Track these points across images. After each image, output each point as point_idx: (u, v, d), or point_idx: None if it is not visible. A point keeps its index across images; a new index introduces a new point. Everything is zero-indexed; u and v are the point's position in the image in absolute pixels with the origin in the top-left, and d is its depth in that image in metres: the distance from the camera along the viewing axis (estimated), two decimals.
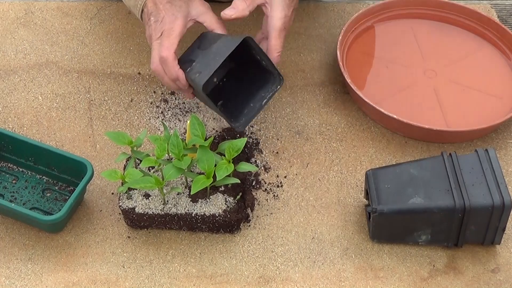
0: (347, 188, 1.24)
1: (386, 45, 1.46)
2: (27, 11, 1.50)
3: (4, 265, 1.13)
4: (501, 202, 1.10)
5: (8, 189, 1.21)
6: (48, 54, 1.43)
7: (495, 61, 1.44)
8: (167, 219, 1.15)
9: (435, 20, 1.51)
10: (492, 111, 1.35)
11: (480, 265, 1.15)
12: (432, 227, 1.13)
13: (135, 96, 1.36)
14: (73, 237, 1.16)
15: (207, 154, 1.12)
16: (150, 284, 1.11)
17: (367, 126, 1.34)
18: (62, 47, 1.44)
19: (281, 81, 1.21)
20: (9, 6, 1.51)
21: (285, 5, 1.21)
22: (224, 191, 1.16)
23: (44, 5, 1.52)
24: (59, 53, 1.43)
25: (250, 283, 1.12)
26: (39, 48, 1.43)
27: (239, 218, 1.16)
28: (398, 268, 1.14)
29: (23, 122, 1.31)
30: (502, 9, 1.59)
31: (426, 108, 1.35)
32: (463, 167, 1.14)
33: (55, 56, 1.43)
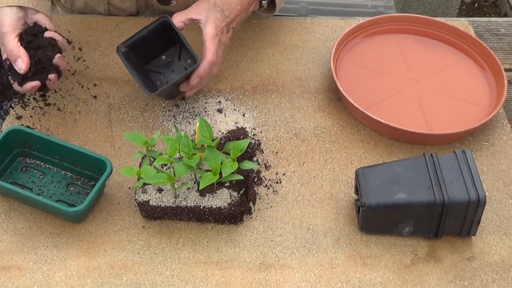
0: (339, 185, 1.24)
1: (374, 57, 1.46)
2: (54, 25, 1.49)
3: (32, 251, 1.12)
4: (477, 197, 1.10)
5: (36, 184, 1.21)
6: (72, 63, 1.43)
7: (472, 72, 1.44)
8: (178, 211, 1.15)
9: (419, 35, 1.51)
10: (469, 116, 1.35)
11: (457, 254, 1.15)
12: (415, 220, 1.13)
13: (150, 101, 1.36)
14: (94, 226, 1.16)
15: (214, 153, 1.12)
16: (162, 269, 1.11)
17: (357, 129, 1.33)
18: (85, 57, 1.44)
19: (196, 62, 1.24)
20: None
21: (216, 20, 1.26)
22: (229, 187, 1.16)
23: (69, 19, 1.52)
24: (82, 62, 1.43)
25: (251, 269, 1.12)
26: (65, 57, 1.43)
27: (242, 211, 1.16)
28: (384, 256, 1.14)
29: (50, 124, 1.31)
30: (478, 25, 1.59)
31: (410, 114, 1.35)
32: (443, 166, 1.14)
33: (78, 65, 1.42)
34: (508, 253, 1.15)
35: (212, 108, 1.34)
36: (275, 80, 1.42)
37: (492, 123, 1.35)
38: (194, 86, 1.28)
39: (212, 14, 1.26)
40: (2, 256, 1.12)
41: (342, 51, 1.45)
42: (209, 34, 1.25)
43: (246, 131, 1.30)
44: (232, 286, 1.09)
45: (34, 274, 1.10)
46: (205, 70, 1.24)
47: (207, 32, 1.25)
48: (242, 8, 1.31)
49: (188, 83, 1.26)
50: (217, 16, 1.26)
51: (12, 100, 1.33)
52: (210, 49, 1.24)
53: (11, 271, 1.10)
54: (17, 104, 1.33)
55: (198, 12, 1.27)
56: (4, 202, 1.19)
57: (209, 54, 1.24)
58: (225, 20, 1.27)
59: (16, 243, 1.13)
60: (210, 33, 1.25)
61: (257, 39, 1.49)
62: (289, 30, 1.52)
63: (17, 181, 1.20)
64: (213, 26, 1.25)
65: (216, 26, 1.26)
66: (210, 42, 1.25)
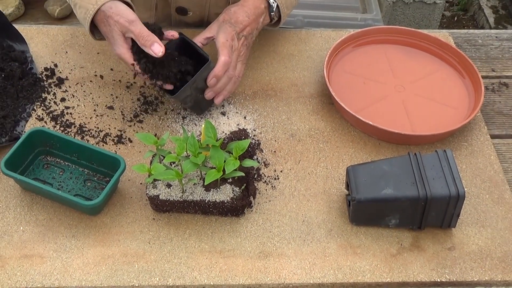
0: (331, 181, 1.24)
1: (363, 65, 1.46)
2: (72, 35, 1.50)
3: (52, 240, 1.13)
4: (457, 193, 1.10)
5: (56, 179, 1.21)
6: (89, 70, 1.42)
7: (452, 79, 1.44)
8: (185, 205, 1.15)
9: (404, 45, 1.51)
10: (450, 119, 1.35)
11: (439, 244, 1.15)
12: (400, 213, 1.13)
13: (160, 104, 1.36)
14: (108, 218, 1.16)
15: (218, 152, 1.12)
16: (170, 257, 1.11)
17: (347, 130, 1.33)
18: (101, 65, 1.44)
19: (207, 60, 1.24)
20: (58, 31, 1.51)
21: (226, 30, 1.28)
22: (232, 182, 1.16)
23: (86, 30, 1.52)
24: (99, 69, 1.43)
25: (252, 257, 1.12)
26: (82, 65, 1.43)
27: (243, 204, 1.16)
28: (372, 246, 1.14)
29: (69, 125, 1.31)
30: (458, 36, 1.59)
31: (396, 116, 1.35)
32: (426, 164, 1.14)
33: (95, 72, 1.42)
34: (485, 243, 1.15)
35: (216, 111, 1.34)
36: (274, 86, 1.42)
37: (470, 125, 1.35)
38: (214, 88, 1.27)
39: (222, 28, 1.28)
40: (25, 245, 1.12)
41: (334, 60, 1.45)
42: (220, 41, 1.26)
43: (247, 132, 1.30)
44: (234, 273, 1.09)
45: (54, 261, 1.10)
46: (220, 70, 1.24)
47: (218, 41, 1.27)
48: (250, 19, 1.32)
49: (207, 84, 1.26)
50: (226, 28, 1.28)
51: (35, 103, 1.33)
52: (222, 51, 1.25)
53: (33, 259, 1.10)
54: (39, 107, 1.33)
55: (211, 31, 1.30)
56: (27, 196, 1.19)
57: (222, 55, 1.25)
58: (234, 30, 1.29)
59: (37, 234, 1.13)
60: (221, 40, 1.26)
61: (257, 49, 1.49)
62: (286, 40, 1.52)
63: (39, 177, 1.21)
64: (223, 35, 1.27)
65: (226, 34, 1.27)
66: (221, 46, 1.26)
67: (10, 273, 1.08)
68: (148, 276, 1.08)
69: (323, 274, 1.10)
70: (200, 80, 1.26)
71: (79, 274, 1.08)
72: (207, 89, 1.28)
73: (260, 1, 1.34)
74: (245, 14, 1.31)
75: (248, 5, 1.33)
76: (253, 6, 1.33)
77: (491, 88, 1.46)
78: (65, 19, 2.44)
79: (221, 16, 1.32)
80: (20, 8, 2.51)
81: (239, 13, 1.31)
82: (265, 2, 1.35)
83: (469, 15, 3.39)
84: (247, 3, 1.33)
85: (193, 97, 1.27)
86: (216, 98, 1.30)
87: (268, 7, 1.36)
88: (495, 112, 1.41)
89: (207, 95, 1.28)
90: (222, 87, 1.29)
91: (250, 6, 1.33)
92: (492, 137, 1.34)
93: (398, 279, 1.10)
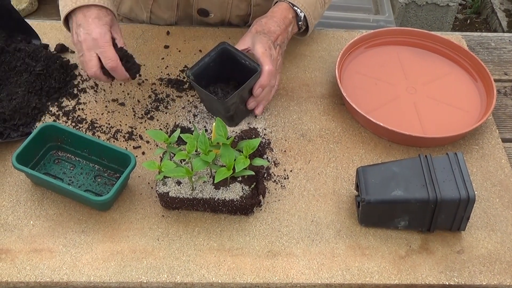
0: (341, 181, 1.24)
1: (375, 66, 1.46)
2: None
3: (62, 235, 1.13)
4: (467, 196, 1.09)
5: (67, 175, 1.21)
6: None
7: (464, 82, 1.43)
8: (194, 202, 1.15)
9: (416, 47, 1.51)
10: (461, 122, 1.34)
11: (448, 247, 1.14)
12: (410, 215, 1.13)
13: (171, 101, 1.36)
14: (118, 214, 1.16)
15: (229, 150, 1.12)
16: (179, 254, 1.11)
17: (358, 131, 1.33)
18: None
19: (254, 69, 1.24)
20: None
21: (262, 40, 1.28)
22: (241, 181, 1.16)
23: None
24: None
25: (260, 256, 1.12)
26: None
27: (253, 203, 1.16)
28: (381, 248, 1.14)
29: (81, 121, 1.31)
30: (470, 39, 1.58)
31: (407, 118, 1.34)
32: (436, 167, 1.14)
33: None
34: (495, 247, 1.15)
35: None
36: (285, 86, 1.42)
37: (481, 129, 1.35)
38: (259, 97, 1.27)
39: (257, 38, 1.29)
40: (34, 240, 1.12)
41: (346, 60, 1.45)
42: (259, 51, 1.26)
43: (258, 131, 1.30)
44: (242, 271, 1.09)
45: (63, 256, 1.10)
46: (265, 80, 1.25)
47: (257, 51, 1.27)
48: (281, 29, 1.33)
49: (253, 95, 1.27)
50: (261, 38, 1.29)
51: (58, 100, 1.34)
52: (265, 61, 1.25)
53: (43, 253, 1.10)
54: (54, 103, 1.34)
55: (245, 43, 1.31)
56: (38, 191, 1.19)
57: (265, 65, 1.25)
58: (269, 39, 1.29)
59: (47, 228, 1.14)
60: (260, 50, 1.26)
61: None
62: (298, 40, 1.51)
63: (49, 172, 1.21)
64: (261, 45, 1.27)
65: (263, 44, 1.27)
66: (263, 57, 1.26)
67: (19, 267, 1.08)
68: (157, 273, 1.08)
69: (331, 274, 1.10)
70: (247, 89, 1.25)
71: (88, 269, 1.08)
72: (250, 99, 1.28)
73: (288, 11, 1.36)
74: (276, 24, 1.33)
75: (277, 15, 1.35)
76: (282, 16, 1.35)
77: (503, 92, 1.45)
78: None
79: (253, 27, 1.33)
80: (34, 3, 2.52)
81: (270, 24, 1.32)
82: (292, 12, 1.36)
83: (482, 18, 3.38)
84: (276, 14, 1.35)
85: (236, 106, 1.26)
86: (257, 108, 1.31)
87: (296, 17, 1.37)
88: (507, 116, 1.40)
89: (250, 104, 1.28)
90: (264, 96, 1.30)
91: (279, 17, 1.34)
92: (503, 141, 1.33)
93: (406, 281, 1.10)
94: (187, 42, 1.49)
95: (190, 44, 1.49)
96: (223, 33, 1.52)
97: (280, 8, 1.36)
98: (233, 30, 1.53)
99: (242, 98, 1.26)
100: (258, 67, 1.24)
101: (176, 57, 1.46)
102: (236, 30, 1.53)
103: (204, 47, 1.48)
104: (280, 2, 1.37)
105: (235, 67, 1.27)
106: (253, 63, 1.25)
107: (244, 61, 1.26)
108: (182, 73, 1.42)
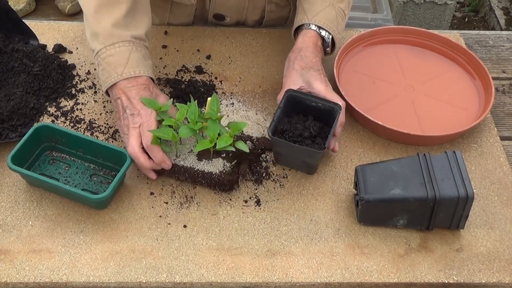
0: (339, 180, 1.24)
1: (373, 65, 1.46)
2: (83, 32, 1.50)
3: (61, 236, 1.13)
4: (465, 194, 1.09)
5: (62, 174, 1.21)
6: None
7: (462, 80, 1.44)
8: (175, 169, 1.18)
9: (414, 46, 1.51)
10: (459, 120, 1.34)
11: (447, 246, 1.15)
12: (408, 213, 1.13)
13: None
14: (117, 214, 1.16)
15: (215, 125, 1.15)
16: (178, 254, 1.11)
17: (357, 130, 1.33)
18: None
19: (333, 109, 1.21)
20: (69, 27, 1.51)
21: (316, 76, 1.25)
22: (225, 157, 1.18)
23: None
24: None
25: (259, 255, 1.12)
26: (92, 61, 1.43)
27: (230, 180, 1.18)
28: (380, 246, 1.14)
29: (79, 121, 1.31)
30: (468, 37, 1.58)
31: (405, 117, 1.34)
32: (435, 165, 1.14)
33: None
34: (494, 245, 1.15)
35: (226, 109, 1.34)
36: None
37: (480, 127, 1.35)
38: (338, 136, 1.23)
39: (309, 76, 1.24)
40: (33, 240, 1.12)
41: (344, 59, 1.45)
42: (322, 89, 1.23)
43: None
44: (241, 271, 1.09)
45: (62, 256, 1.10)
46: (343, 116, 1.22)
47: (320, 89, 1.23)
48: (319, 58, 1.29)
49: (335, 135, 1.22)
50: (314, 74, 1.25)
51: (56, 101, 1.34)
52: (333, 97, 1.22)
53: (42, 254, 1.10)
54: (52, 104, 1.34)
55: (295, 82, 1.25)
56: (36, 191, 1.19)
57: (338, 101, 1.21)
58: (320, 73, 1.26)
59: (46, 229, 1.14)
60: (322, 87, 1.23)
61: (267, 47, 1.49)
62: None
63: (45, 172, 1.21)
64: (319, 82, 1.23)
65: (320, 81, 1.24)
66: (329, 94, 1.22)
67: (18, 268, 1.08)
68: (156, 273, 1.08)
69: (330, 273, 1.10)
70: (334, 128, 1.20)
71: (87, 269, 1.08)
72: (331, 140, 1.22)
73: (317, 38, 1.31)
74: (314, 55, 1.28)
75: (310, 45, 1.29)
76: (313, 44, 1.30)
77: (501, 90, 1.46)
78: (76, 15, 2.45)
79: (295, 64, 1.27)
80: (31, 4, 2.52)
81: (309, 56, 1.27)
82: (320, 38, 1.32)
83: (480, 16, 3.38)
84: (308, 43, 1.30)
85: None
86: (336, 146, 1.24)
87: (323, 43, 1.33)
88: (505, 114, 1.40)
89: (332, 144, 1.23)
90: (340, 133, 1.24)
91: (313, 46, 1.29)
92: (501, 139, 1.33)
93: (406, 280, 1.10)
94: (185, 42, 1.49)
95: (188, 43, 1.49)
96: (221, 32, 1.52)
97: (310, 36, 1.31)
98: (231, 29, 1.53)
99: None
100: (336, 106, 1.20)
101: (174, 56, 1.46)
102: (235, 30, 1.53)
103: (202, 47, 1.48)
104: (306, 30, 1.32)
105: (303, 111, 1.23)
106: (327, 103, 1.21)
107: (316, 104, 1.22)
108: (180, 72, 1.42)
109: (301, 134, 1.20)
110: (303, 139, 1.20)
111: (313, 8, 1.33)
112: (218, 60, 1.45)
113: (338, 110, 1.20)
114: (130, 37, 1.23)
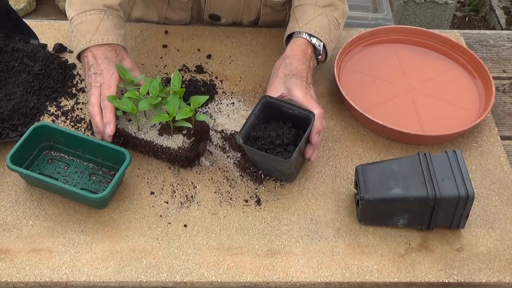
0: (340, 180, 1.24)
1: (374, 65, 1.46)
2: None
3: (61, 235, 1.13)
4: (466, 194, 1.09)
5: (61, 174, 1.21)
6: None
7: (463, 80, 1.44)
8: (137, 142, 1.21)
9: (414, 45, 1.51)
10: (460, 120, 1.34)
11: (447, 245, 1.15)
12: (409, 213, 1.13)
13: None
14: (117, 214, 1.17)
15: (175, 99, 1.18)
16: (178, 253, 1.11)
17: (357, 130, 1.33)
18: None
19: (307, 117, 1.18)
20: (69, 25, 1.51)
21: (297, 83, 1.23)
22: (185, 134, 1.20)
23: None
24: None
25: (260, 255, 1.12)
26: None
27: (188, 156, 1.20)
28: (380, 246, 1.14)
29: (79, 120, 1.31)
30: (469, 37, 1.58)
31: (405, 116, 1.34)
32: (435, 165, 1.14)
33: None
34: (494, 244, 1.15)
35: (226, 108, 1.34)
36: None
37: (480, 126, 1.35)
38: (316, 144, 1.19)
39: (290, 83, 1.23)
40: (34, 240, 1.12)
41: (345, 59, 1.45)
42: (300, 96, 1.21)
43: None
44: (241, 270, 1.09)
45: (62, 256, 1.10)
46: (320, 124, 1.18)
47: (298, 96, 1.21)
48: (306, 66, 1.27)
49: (311, 143, 1.19)
50: (295, 81, 1.23)
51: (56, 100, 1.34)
52: (311, 105, 1.19)
53: (42, 253, 1.10)
54: (53, 103, 1.34)
55: (277, 89, 1.24)
56: (36, 191, 1.19)
57: (314, 109, 1.18)
58: (303, 80, 1.24)
59: (47, 228, 1.14)
60: (301, 95, 1.21)
61: (267, 47, 1.49)
62: None
63: (44, 172, 1.21)
64: (298, 89, 1.22)
65: (301, 88, 1.22)
66: (307, 101, 1.20)
67: (18, 267, 1.08)
68: (156, 272, 1.09)
69: (330, 273, 1.10)
70: (305, 140, 1.17)
71: (88, 269, 1.09)
72: (307, 148, 1.19)
73: (307, 46, 1.30)
74: (301, 62, 1.27)
75: (298, 53, 1.28)
76: (302, 52, 1.29)
77: (502, 89, 1.46)
78: None
79: (279, 71, 1.26)
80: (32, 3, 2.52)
81: (295, 63, 1.26)
82: (311, 46, 1.31)
83: (480, 15, 3.38)
84: (297, 51, 1.29)
85: (296, 160, 1.17)
86: (313, 155, 1.20)
87: (315, 51, 1.32)
88: (506, 113, 1.40)
89: (309, 153, 1.20)
90: (319, 141, 1.21)
91: (300, 54, 1.28)
92: (502, 139, 1.33)
93: (406, 279, 1.10)
94: (186, 41, 1.49)
95: (188, 43, 1.49)
96: (221, 32, 1.52)
97: (298, 44, 1.30)
98: (232, 29, 1.53)
99: (300, 150, 1.17)
100: (310, 114, 1.17)
101: (174, 56, 1.46)
102: (235, 29, 1.53)
103: (202, 46, 1.48)
104: (296, 38, 1.31)
105: (281, 118, 1.21)
106: (302, 111, 1.18)
107: (292, 111, 1.19)
108: (180, 72, 1.42)
109: (273, 141, 1.17)
110: (274, 146, 1.17)
111: (304, 16, 1.33)
112: (219, 60, 1.45)
113: (312, 118, 1.17)
114: (102, 5, 1.28)
